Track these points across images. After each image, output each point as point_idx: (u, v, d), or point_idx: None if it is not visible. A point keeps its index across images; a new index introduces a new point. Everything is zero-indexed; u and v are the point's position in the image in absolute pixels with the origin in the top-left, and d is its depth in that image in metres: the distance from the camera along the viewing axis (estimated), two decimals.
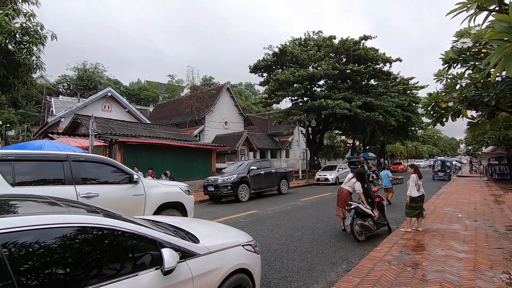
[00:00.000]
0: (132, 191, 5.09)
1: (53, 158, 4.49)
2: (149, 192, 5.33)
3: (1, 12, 7.70)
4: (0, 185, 3.75)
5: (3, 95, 9.44)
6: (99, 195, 4.58)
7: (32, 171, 4.28)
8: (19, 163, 4.13)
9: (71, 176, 4.41)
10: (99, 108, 20.75)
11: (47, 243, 1.72)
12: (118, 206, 4.50)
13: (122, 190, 4.98)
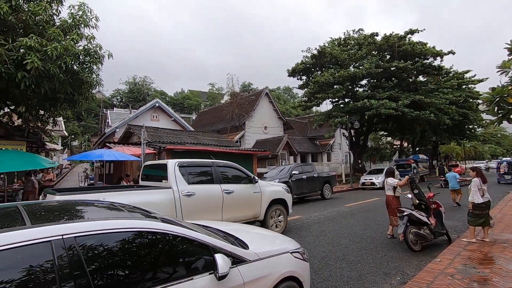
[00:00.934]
0: (253, 189, 6.51)
1: (206, 164, 6.21)
2: (264, 190, 6.70)
3: (68, 37, 8.71)
4: (183, 183, 5.44)
5: (69, 110, 10.61)
6: (234, 191, 6.04)
7: (196, 174, 5.91)
8: (189, 168, 5.78)
9: (217, 177, 5.98)
10: (148, 118, 22.31)
11: (113, 246, 1.88)
12: (245, 200, 6.28)
13: (247, 188, 6.42)
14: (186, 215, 5.21)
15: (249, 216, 6.39)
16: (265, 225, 6.64)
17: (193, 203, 5.41)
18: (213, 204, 5.76)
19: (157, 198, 5.06)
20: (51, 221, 1.93)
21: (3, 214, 2.02)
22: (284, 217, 7.13)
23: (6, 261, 1.49)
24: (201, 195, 5.57)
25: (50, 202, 2.59)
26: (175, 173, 5.45)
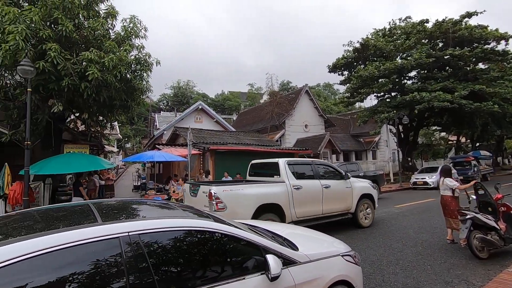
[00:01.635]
0: (345, 184, 7.22)
1: (306, 162, 7.26)
2: (354, 186, 7.37)
3: (121, 48, 9.49)
4: (292, 179, 6.37)
5: (123, 115, 11.52)
6: (330, 186, 6.83)
7: (300, 170, 6.79)
8: (295, 166, 6.73)
9: (316, 174, 6.88)
10: (192, 120, 23.36)
11: (172, 243, 1.99)
12: (340, 194, 7.05)
13: (340, 184, 7.13)
14: (296, 205, 6.22)
15: (343, 208, 7.13)
16: (356, 217, 7.38)
17: (300, 195, 6.33)
18: (315, 196, 6.62)
19: (277, 189, 6.12)
20: (116, 219, 2.11)
21: (78, 211, 2.26)
22: (371, 211, 7.75)
23: (83, 254, 1.66)
24: (306, 188, 6.48)
25: (112, 201, 2.82)
26: (285, 170, 6.42)
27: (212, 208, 5.31)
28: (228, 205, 5.40)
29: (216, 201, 5.34)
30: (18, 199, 8.01)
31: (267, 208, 5.80)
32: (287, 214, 6.06)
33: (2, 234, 1.87)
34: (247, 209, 5.56)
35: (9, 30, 7.31)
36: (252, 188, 5.86)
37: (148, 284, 1.74)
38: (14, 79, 8.67)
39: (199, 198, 5.90)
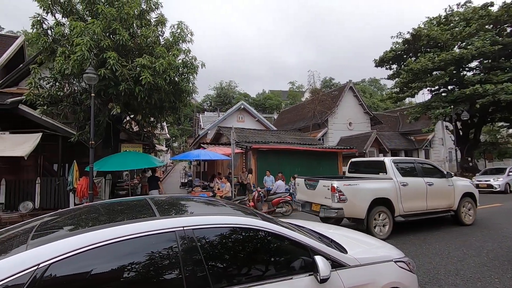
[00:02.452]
0: (447, 182, 7.43)
1: (410, 161, 7.64)
2: (456, 184, 7.56)
3: (170, 53, 10.07)
4: (398, 176, 6.82)
5: (172, 116, 12.22)
6: (434, 183, 7.12)
7: (405, 168, 7.18)
8: (400, 164, 7.17)
9: (419, 171, 7.22)
10: (234, 119, 23.93)
11: (223, 239, 2.06)
12: (442, 191, 7.26)
13: (443, 181, 7.37)
14: (403, 200, 6.64)
15: (445, 205, 7.31)
16: (458, 214, 7.49)
17: (407, 191, 6.73)
18: (420, 193, 6.93)
19: (387, 185, 6.64)
20: (171, 214, 2.26)
21: (138, 205, 2.46)
22: (473, 209, 7.77)
23: (144, 245, 1.80)
24: (411, 185, 6.84)
25: (164, 197, 3.01)
26: (392, 168, 6.89)
27: (335, 199, 6.17)
28: (348, 198, 6.13)
29: (339, 193, 6.10)
30: (84, 193, 8.99)
31: (379, 202, 6.40)
32: (396, 208, 6.57)
33: (74, 225, 2.12)
34: (363, 201, 6.24)
35: (76, 42, 8.22)
36: (367, 184, 6.52)
37: (202, 277, 1.82)
38: (81, 85, 9.73)
39: (318, 191, 6.67)
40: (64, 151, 10.94)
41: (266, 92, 69.74)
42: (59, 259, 1.55)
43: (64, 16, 9.70)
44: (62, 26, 9.44)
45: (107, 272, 1.68)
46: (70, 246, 1.59)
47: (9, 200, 9.99)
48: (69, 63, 8.33)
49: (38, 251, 1.55)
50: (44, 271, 1.50)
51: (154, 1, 10.72)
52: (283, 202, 10.08)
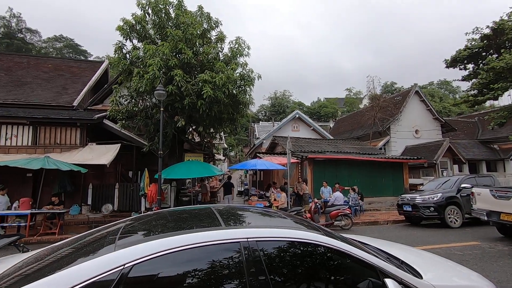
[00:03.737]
0: None
1: None
2: None
3: (228, 67, 10.62)
4: None
5: (229, 126, 12.75)
6: None
7: None
8: None
9: None
10: (289, 129, 23.87)
11: (286, 253, 2.05)
12: None
13: None
14: None
15: None
16: None
17: None
18: None
19: None
20: (234, 224, 2.34)
21: (204, 214, 2.61)
22: None
23: (213, 253, 1.89)
24: None
25: (226, 207, 3.12)
26: None
27: None
28: None
29: None
30: (153, 198, 9.90)
31: None
32: None
33: (151, 230, 2.33)
34: None
35: (149, 63, 9.26)
36: None
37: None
38: (152, 101, 10.86)
39: None
40: (137, 159, 12.26)
41: (321, 100, 68.29)
42: (141, 261, 1.71)
43: (139, 41, 11.03)
44: (137, 50, 10.74)
45: (178, 276, 1.81)
46: (150, 250, 1.75)
47: (95, 202, 11.53)
48: (142, 82, 9.40)
49: (124, 252, 1.74)
50: (128, 271, 1.68)
51: (214, 20, 11.50)
52: (342, 215, 9.60)
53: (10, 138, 10.93)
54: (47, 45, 55.01)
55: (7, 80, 13.63)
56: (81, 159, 10.28)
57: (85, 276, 1.63)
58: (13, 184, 10.05)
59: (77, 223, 10.46)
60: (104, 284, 1.62)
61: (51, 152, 10.69)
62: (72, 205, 11.00)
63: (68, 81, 14.47)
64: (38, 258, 2.15)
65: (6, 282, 1.79)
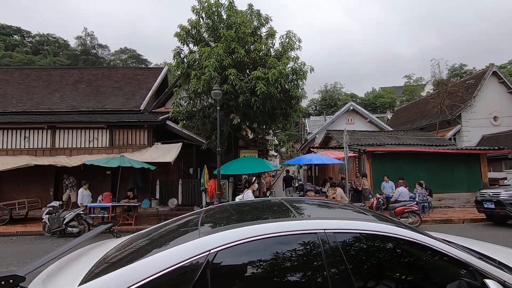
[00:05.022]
0: None
1: None
2: None
3: (280, 62, 10.59)
4: None
5: (282, 122, 12.72)
6: None
7: None
8: None
9: None
10: (343, 122, 22.91)
11: (363, 247, 1.97)
12: None
13: None
14: None
15: None
16: None
17: None
18: None
19: None
20: (306, 215, 2.32)
21: (276, 205, 2.64)
22: None
23: (289, 243, 1.90)
24: None
25: (299, 199, 3.12)
26: None
27: None
28: None
29: None
30: (213, 193, 10.42)
31: None
32: None
33: (223, 220, 2.43)
34: None
35: (205, 64, 9.72)
36: None
37: (347, 282, 1.78)
38: (208, 101, 11.41)
39: None
40: (197, 157, 13.04)
41: (376, 90, 63.92)
42: (225, 247, 1.80)
43: (194, 45, 11.65)
44: (193, 53, 11.36)
45: (258, 263, 1.86)
46: (233, 237, 1.83)
47: (162, 196, 12.62)
48: (200, 83, 9.92)
49: (209, 238, 1.86)
50: (214, 257, 1.78)
51: (264, 16, 11.56)
52: (409, 212, 8.88)
53: (92, 141, 12.56)
54: (114, 58, 61.74)
55: (87, 90, 15.68)
56: (149, 158, 11.32)
57: (175, 259, 1.77)
58: (95, 181, 11.55)
59: (148, 215, 11.58)
60: (193, 268, 1.74)
61: (125, 151, 11.99)
62: (143, 199, 12.20)
63: (135, 88, 16.02)
64: (131, 242, 2.42)
65: (110, 260, 2.05)
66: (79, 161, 11.03)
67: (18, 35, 58.97)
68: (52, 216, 8.48)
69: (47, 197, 12.16)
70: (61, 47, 58.78)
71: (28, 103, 14.50)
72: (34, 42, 59.00)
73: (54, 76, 17.17)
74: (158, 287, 1.66)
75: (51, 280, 1.84)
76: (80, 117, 13.03)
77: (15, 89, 15.65)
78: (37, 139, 12.53)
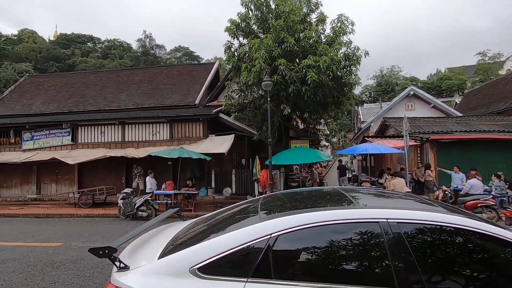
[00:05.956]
0: None
1: None
2: None
3: (331, 49, 10.18)
4: None
5: (335, 110, 12.28)
6: None
7: None
8: None
9: None
10: (402, 108, 21.14)
11: (430, 239, 1.87)
12: None
13: None
14: None
15: None
16: None
17: None
18: None
19: None
20: (366, 204, 2.26)
21: (334, 194, 2.63)
22: None
23: (348, 231, 1.89)
24: None
25: (356, 188, 3.04)
26: None
27: None
28: None
29: None
30: (265, 183, 10.65)
31: None
32: None
33: (282, 206, 2.49)
34: None
35: (255, 56, 9.84)
36: None
37: (414, 275, 1.71)
38: (259, 93, 11.56)
39: None
40: (248, 148, 13.40)
41: (441, 71, 57.24)
42: (286, 232, 1.87)
43: (244, 38, 11.82)
44: (243, 46, 11.55)
45: (316, 250, 1.89)
46: (294, 222, 1.89)
47: (217, 185, 13.33)
48: (250, 75, 10.08)
49: (270, 223, 1.95)
50: (275, 240, 1.86)
51: (313, 2, 11.17)
52: (483, 206, 7.92)
53: (155, 134, 13.78)
54: (170, 56, 66.07)
55: (149, 88, 17.15)
56: (204, 149, 12.01)
57: (239, 241, 1.89)
58: (158, 170, 12.69)
59: (205, 203, 12.36)
60: (256, 250, 1.84)
61: (183, 143, 12.90)
62: (200, 188, 13.05)
63: (189, 83, 17.00)
64: (196, 224, 2.65)
65: (181, 239, 2.29)
66: (145, 153, 12.23)
67: (90, 42, 66.85)
68: (126, 201, 9.62)
69: (120, 184, 13.79)
70: (125, 50, 65.02)
71: (102, 102, 16.47)
72: (103, 47, 66.24)
73: (121, 77, 19.15)
74: (225, 265, 1.82)
75: (135, 253, 2.14)
76: (144, 113, 14.36)
77: (91, 90, 17.89)
78: (110, 133, 14.20)
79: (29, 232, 8.00)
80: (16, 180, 15.23)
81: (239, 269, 1.80)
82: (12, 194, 15.20)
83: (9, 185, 15.32)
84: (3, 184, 15.34)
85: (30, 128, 14.60)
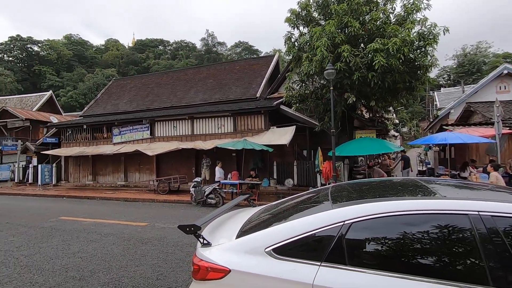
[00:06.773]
0: None
1: None
2: None
3: (402, 29, 9.26)
4: None
5: (406, 97, 11.17)
6: None
7: None
8: None
9: None
10: (491, 91, 18.03)
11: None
12: None
13: None
14: None
15: None
16: None
17: None
18: None
19: None
20: (451, 196, 2.07)
21: (410, 184, 2.48)
22: None
23: (431, 223, 1.77)
24: None
25: (429, 179, 2.80)
26: None
27: None
28: None
29: None
30: (328, 174, 10.40)
31: None
32: None
33: (354, 195, 2.43)
34: None
35: (316, 45, 9.56)
36: None
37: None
38: (321, 82, 11.23)
39: None
40: (310, 139, 13.21)
41: None
42: (359, 220, 1.85)
43: (305, 27, 11.56)
44: (304, 35, 11.31)
45: (393, 241, 1.82)
46: (368, 211, 1.86)
47: (279, 176, 13.53)
48: (312, 65, 9.85)
49: (343, 210, 1.95)
50: (348, 227, 1.86)
51: None
52: None
53: (220, 127, 14.61)
54: (231, 52, 68.57)
55: (214, 84, 18.20)
56: (266, 141, 12.26)
57: (312, 226, 1.94)
58: (223, 161, 13.46)
59: (268, 193, 12.69)
60: (329, 236, 1.87)
61: (246, 136, 13.39)
62: (263, 178, 13.42)
63: (251, 77, 17.45)
64: (266, 210, 2.78)
65: (254, 222, 2.44)
66: (212, 145, 13.09)
67: (161, 46, 73.62)
68: (197, 189, 10.51)
69: (190, 174, 15.08)
70: (190, 50, 69.87)
71: (173, 99, 18.13)
72: (172, 49, 72.30)
73: (189, 75, 20.71)
74: (298, 248, 1.90)
75: (214, 233, 2.37)
76: (210, 107, 15.33)
77: (164, 89, 19.83)
78: (181, 127, 15.58)
79: (121, 212, 9.42)
80: (109, 169, 17.97)
81: (312, 253, 1.86)
82: (106, 181, 18.00)
83: (104, 173, 18.16)
84: (100, 172, 18.26)
85: (118, 125, 16.94)
